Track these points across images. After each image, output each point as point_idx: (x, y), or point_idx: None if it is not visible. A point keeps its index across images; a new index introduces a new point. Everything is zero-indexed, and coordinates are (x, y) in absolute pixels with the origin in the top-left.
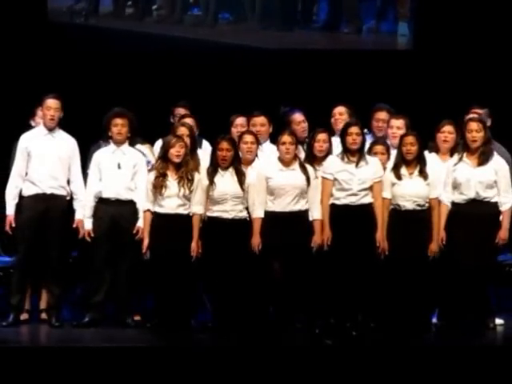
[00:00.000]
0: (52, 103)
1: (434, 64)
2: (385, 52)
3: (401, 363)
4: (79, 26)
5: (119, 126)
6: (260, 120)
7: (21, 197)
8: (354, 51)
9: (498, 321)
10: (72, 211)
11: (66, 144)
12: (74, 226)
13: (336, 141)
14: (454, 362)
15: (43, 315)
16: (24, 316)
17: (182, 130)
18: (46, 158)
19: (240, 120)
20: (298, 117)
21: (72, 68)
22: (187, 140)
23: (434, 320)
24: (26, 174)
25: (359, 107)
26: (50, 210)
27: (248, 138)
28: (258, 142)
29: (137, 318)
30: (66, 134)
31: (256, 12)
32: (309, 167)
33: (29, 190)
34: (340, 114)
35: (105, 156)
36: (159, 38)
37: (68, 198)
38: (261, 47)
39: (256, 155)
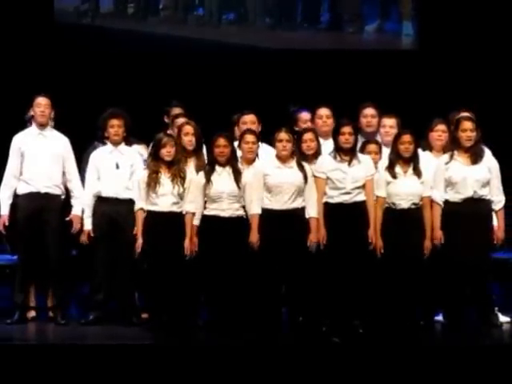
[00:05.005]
0: (41, 100)
1: (439, 64)
2: (389, 52)
3: (407, 362)
4: (85, 27)
5: (116, 126)
6: (250, 118)
7: (16, 196)
8: (359, 51)
9: (504, 318)
10: (69, 210)
11: (59, 142)
12: (68, 219)
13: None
14: (461, 361)
15: (50, 313)
16: (31, 314)
17: (188, 129)
18: (39, 157)
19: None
20: (304, 115)
21: (76, 68)
22: (192, 138)
23: (440, 318)
24: (21, 173)
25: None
26: (45, 209)
27: (249, 137)
28: (258, 141)
29: (144, 315)
30: (58, 133)
31: (260, 12)
32: (306, 165)
33: (23, 189)
34: (327, 117)
35: (103, 156)
36: (163, 38)
37: (63, 196)
38: (264, 47)
39: (257, 155)
